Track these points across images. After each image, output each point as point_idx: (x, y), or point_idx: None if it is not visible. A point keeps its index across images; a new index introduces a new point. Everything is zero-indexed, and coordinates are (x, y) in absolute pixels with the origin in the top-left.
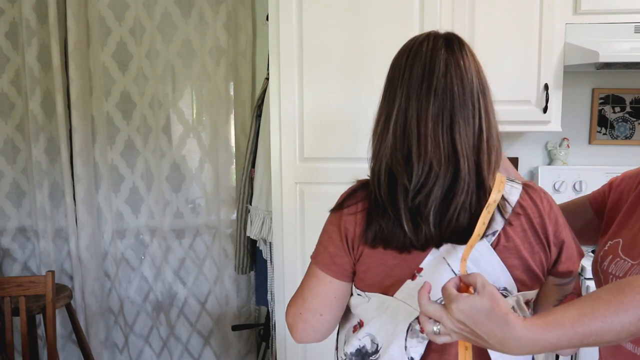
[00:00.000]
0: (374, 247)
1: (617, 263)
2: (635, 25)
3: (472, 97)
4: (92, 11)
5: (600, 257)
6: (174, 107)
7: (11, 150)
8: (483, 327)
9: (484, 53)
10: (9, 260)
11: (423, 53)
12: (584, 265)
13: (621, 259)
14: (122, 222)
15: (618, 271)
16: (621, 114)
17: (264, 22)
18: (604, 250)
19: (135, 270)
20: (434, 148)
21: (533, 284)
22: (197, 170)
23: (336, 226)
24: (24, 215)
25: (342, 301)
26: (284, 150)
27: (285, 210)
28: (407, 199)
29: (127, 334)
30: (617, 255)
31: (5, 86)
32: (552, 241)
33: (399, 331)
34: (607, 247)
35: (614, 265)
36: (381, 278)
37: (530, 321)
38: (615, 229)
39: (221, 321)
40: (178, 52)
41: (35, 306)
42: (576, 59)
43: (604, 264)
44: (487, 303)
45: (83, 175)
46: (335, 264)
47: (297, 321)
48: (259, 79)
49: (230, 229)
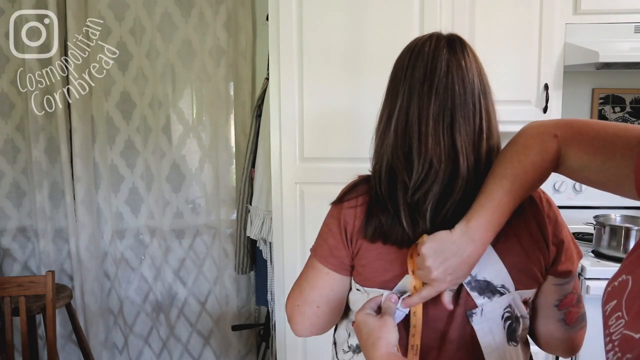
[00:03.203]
0: (373, 242)
1: (619, 320)
2: (635, 25)
3: (473, 97)
4: (92, 11)
5: (607, 293)
6: (174, 107)
7: (11, 150)
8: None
9: (484, 53)
10: (9, 260)
11: (425, 53)
12: (583, 266)
13: (621, 314)
14: (122, 222)
15: (614, 334)
16: (621, 114)
17: (264, 22)
18: (612, 285)
19: (135, 270)
20: (434, 146)
21: (531, 283)
22: (197, 170)
23: (336, 219)
24: (24, 215)
25: (339, 294)
26: (284, 150)
27: (285, 210)
28: (406, 195)
29: (126, 334)
30: (620, 305)
31: (5, 86)
32: (551, 241)
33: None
34: (617, 283)
35: (614, 321)
36: (380, 272)
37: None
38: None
39: (221, 321)
40: (178, 52)
41: (35, 306)
42: (576, 59)
43: (607, 308)
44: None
45: (83, 175)
46: (333, 256)
47: (295, 313)
48: (259, 79)
49: (230, 229)
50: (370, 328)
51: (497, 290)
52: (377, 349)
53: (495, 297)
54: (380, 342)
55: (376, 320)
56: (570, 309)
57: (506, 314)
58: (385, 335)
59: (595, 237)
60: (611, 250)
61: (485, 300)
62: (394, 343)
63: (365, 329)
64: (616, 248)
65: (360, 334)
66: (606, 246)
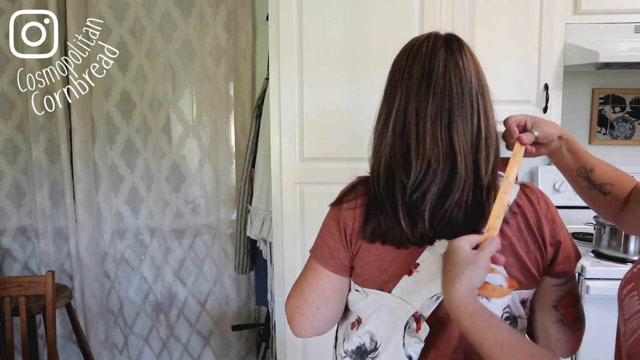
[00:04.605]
0: (372, 242)
1: (632, 298)
2: (635, 25)
3: (470, 96)
4: (92, 11)
5: (625, 280)
6: (173, 107)
7: (11, 150)
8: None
9: (484, 53)
10: (9, 260)
11: (423, 53)
12: (583, 266)
13: (637, 294)
14: (122, 222)
15: (627, 311)
16: (621, 114)
17: (264, 22)
18: (631, 272)
19: (135, 270)
20: (432, 146)
21: (529, 283)
22: (197, 170)
23: (335, 220)
24: (24, 215)
25: (339, 295)
26: (284, 150)
27: (285, 210)
28: (404, 196)
29: (126, 335)
30: (638, 286)
31: (5, 86)
32: (549, 241)
33: (397, 329)
34: (636, 269)
35: (628, 300)
36: (379, 273)
37: (475, 302)
38: None
39: (221, 321)
40: (178, 52)
41: (35, 306)
42: (576, 59)
43: (623, 291)
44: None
45: (83, 175)
46: (333, 257)
47: (295, 314)
48: (259, 79)
49: (230, 229)
50: (458, 260)
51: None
52: (455, 284)
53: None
54: (462, 279)
55: (469, 253)
56: (568, 310)
57: (505, 315)
58: (469, 272)
59: (595, 237)
60: (611, 250)
61: (483, 300)
62: (476, 284)
63: (452, 258)
64: (616, 248)
65: (446, 261)
66: (606, 246)
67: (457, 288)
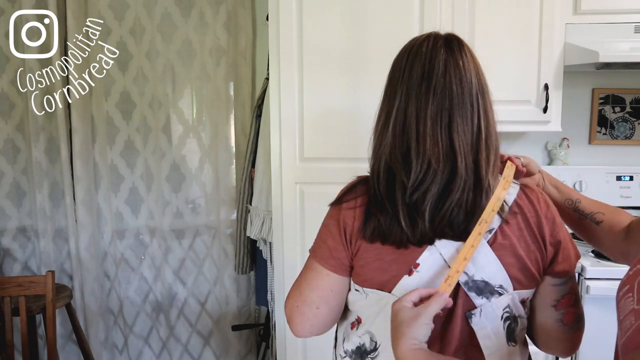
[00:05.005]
0: (372, 242)
1: (627, 300)
2: (635, 25)
3: (470, 96)
4: (92, 11)
5: (621, 283)
6: (173, 107)
7: (11, 150)
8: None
9: (484, 53)
10: (9, 260)
11: (423, 53)
12: (584, 266)
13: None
14: (122, 222)
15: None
16: (621, 114)
17: (264, 22)
18: (627, 275)
19: (134, 270)
20: (432, 146)
21: (529, 283)
22: (197, 170)
23: (335, 220)
24: (24, 215)
25: (339, 295)
26: (284, 150)
27: (285, 210)
28: (404, 196)
29: (126, 335)
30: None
31: (5, 86)
32: (549, 241)
33: None
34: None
35: (624, 302)
36: (378, 273)
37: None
38: None
39: (221, 321)
40: (178, 52)
41: (35, 306)
42: (576, 59)
43: (620, 294)
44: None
45: (83, 175)
46: (333, 257)
47: (294, 314)
48: (259, 79)
49: (230, 229)
50: (399, 321)
51: (495, 290)
52: (400, 344)
53: (494, 297)
54: (404, 340)
55: (410, 314)
56: (568, 310)
57: (505, 314)
58: (410, 332)
59: None
60: None
61: (484, 300)
62: (421, 339)
63: (394, 321)
64: None
65: (391, 322)
66: None
67: (401, 348)
